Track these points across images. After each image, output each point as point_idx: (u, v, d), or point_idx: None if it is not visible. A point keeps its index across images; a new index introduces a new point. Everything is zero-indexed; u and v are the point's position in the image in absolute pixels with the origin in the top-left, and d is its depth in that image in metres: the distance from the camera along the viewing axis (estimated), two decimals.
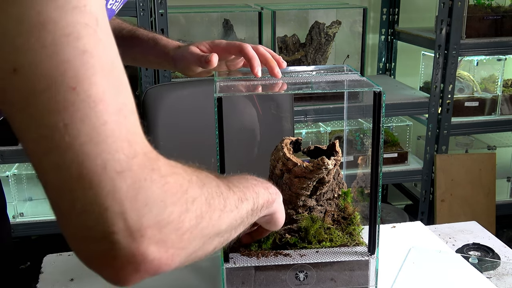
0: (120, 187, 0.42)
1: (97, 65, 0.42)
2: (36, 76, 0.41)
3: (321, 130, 2.31)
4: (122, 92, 0.45)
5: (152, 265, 0.44)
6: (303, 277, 0.85)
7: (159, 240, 0.44)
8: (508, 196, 2.54)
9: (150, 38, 1.03)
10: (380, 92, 0.78)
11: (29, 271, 2.14)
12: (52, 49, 0.41)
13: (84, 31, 0.42)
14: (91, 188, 0.41)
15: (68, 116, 0.41)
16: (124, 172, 0.42)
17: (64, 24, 0.41)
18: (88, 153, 0.41)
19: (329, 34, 2.16)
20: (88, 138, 0.41)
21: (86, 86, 0.41)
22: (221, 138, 0.78)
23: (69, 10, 0.42)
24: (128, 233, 0.42)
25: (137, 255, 0.43)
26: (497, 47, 2.27)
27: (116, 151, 0.42)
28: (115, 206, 0.42)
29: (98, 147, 0.41)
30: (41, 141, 0.41)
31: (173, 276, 0.97)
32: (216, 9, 2.24)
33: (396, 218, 2.45)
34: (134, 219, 0.42)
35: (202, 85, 1.58)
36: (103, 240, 0.42)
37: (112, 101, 0.43)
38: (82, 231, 0.42)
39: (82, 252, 0.44)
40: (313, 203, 0.89)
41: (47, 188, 0.43)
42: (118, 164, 0.42)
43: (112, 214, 0.42)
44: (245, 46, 0.91)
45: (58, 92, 0.41)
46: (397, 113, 2.35)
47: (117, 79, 0.44)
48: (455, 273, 1.00)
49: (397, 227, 1.19)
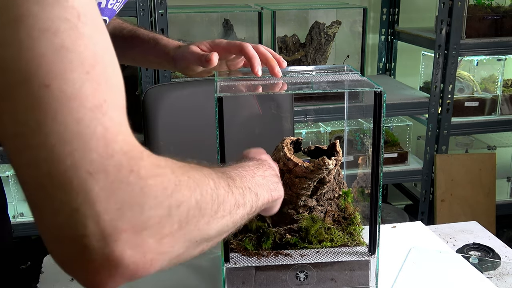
0: (92, 189, 0.40)
1: (75, 61, 0.41)
2: (11, 71, 0.40)
3: (321, 130, 2.31)
4: (105, 87, 0.43)
5: (128, 270, 0.42)
6: (303, 277, 0.85)
7: (136, 244, 0.42)
8: (508, 196, 2.54)
9: (151, 38, 1.03)
10: (381, 92, 0.78)
11: (29, 271, 2.14)
12: (28, 43, 0.40)
13: (64, 25, 0.41)
14: (61, 188, 0.40)
15: (40, 114, 0.40)
16: (97, 173, 0.40)
17: (43, 18, 0.40)
18: (59, 153, 0.40)
19: (329, 34, 2.16)
20: (60, 137, 0.40)
21: (61, 83, 0.40)
22: (221, 138, 0.78)
23: (50, 5, 0.41)
24: (100, 236, 0.40)
25: (111, 260, 0.41)
26: (497, 47, 2.27)
27: (89, 151, 0.40)
28: (85, 208, 0.40)
29: (70, 146, 0.40)
30: (16, 139, 0.40)
31: (173, 276, 0.97)
32: (216, 9, 2.24)
33: (396, 218, 2.45)
34: (107, 223, 0.41)
35: (202, 85, 1.58)
36: (75, 243, 0.41)
37: (90, 98, 0.41)
38: (54, 231, 0.41)
39: (55, 253, 0.42)
40: (313, 203, 0.89)
41: (23, 186, 0.42)
42: (91, 164, 0.40)
43: (82, 216, 0.40)
44: (246, 45, 0.91)
45: (32, 88, 0.40)
46: (397, 113, 2.35)
47: (99, 74, 0.42)
48: (455, 273, 1.00)
49: (397, 227, 1.19)
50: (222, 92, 0.79)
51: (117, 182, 0.41)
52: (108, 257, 0.41)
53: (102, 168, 0.41)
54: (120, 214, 0.41)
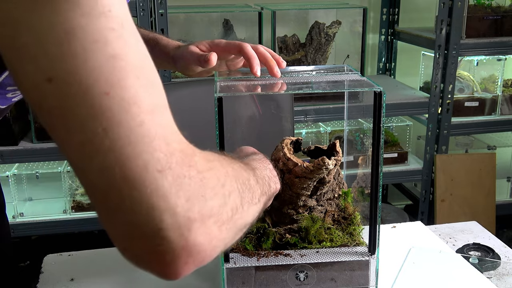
0: (163, 185, 0.43)
1: (127, 67, 0.43)
2: (70, 84, 0.42)
3: (321, 130, 2.31)
4: (154, 90, 0.46)
5: (199, 256, 0.46)
6: (303, 277, 0.85)
7: (204, 232, 0.45)
8: (508, 196, 2.54)
9: (151, 38, 1.03)
10: (381, 92, 0.78)
11: (29, 271, 2.14)
12: (83, 56, 0.42)
13: (111, 35, 0.43)
14: (135, 188, 0.42)
15: (105, 121, 0.42)
16: (164, 171, 0.43)
17: (91, 30, 0.42)
18: (128, 155, 0.42)
19: (329, 34, 2.16)
20: (127, 140, 0.42)
21: (119, 90, 0.42)
22: (221, 138, 0.78)
23: (96, 16, 0.42)
24: (177, 228, 0.43)
25: (187, 248, 0.44)
26: (497, 47, 2.27)
27: (155, 151, 0.43)
28: (161, 203, 0.43)
29: (138, 148, 0.43)
30: (83, 147, 0.42)
31: None
32: (216, 9, 2.24)
33: (396, 218, 2.45)
34: (181, 214, 0.44)
35: (202, 85, 1.58)
36: (153, 237, 0.43)
37: (145, 101, 0.44)
38: (130, 229, 0.43)
39: (130, 250, 0.45)
40: (313, 203, 0.89)
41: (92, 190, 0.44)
42: (158, 163, 0.43)
43: (159, 211, 0.43)
44: (245, 45, 0.91)
45: (93, 98, 0.42)
46: (397, 113, 2.35)
47: (147, 78, 0.45)
48: (455, 273, 1.00)
49: (397, 227, 1.19)
50: (222, 92, 0.79)
51: (182, 177, 0.44)
52: (184, 246, 0.44)
53: (168, 166, 0.44)
54: (189, 205, 0.44)
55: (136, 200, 0.42)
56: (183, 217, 0.44)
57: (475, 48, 2.24)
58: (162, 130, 0.45)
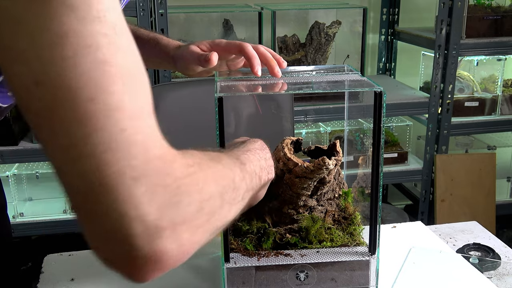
0: (136, 193, 0.44)
1: (116, 73, 0.44)
2: (58, 88, 0.42)
3: (321, 130, 2.31)
4: (140, 96, 0.46)
5: (168, 262, 0.46)
6: (303, 277, 0.85)
7: (175, 239, 0.46)
8: (508, 196, 2.54)
9: (151, 38, 1.03)
10: (381, 92, 0.78)
11: (29, 271, 2.14)
12: (73, 60, 0.42)
13: (104, 40, 0.43)
14: (110, 194, 0.43)
15: (89, 126, 0.42)
16: (139, 178, 0.44)
17: (84, 35, 0.42)
18: (107, 161, 0.43)
19: (329, 34, 2.16)
20: (107, 146, 0.43)
21: (105, 96, 0.43)
22: (221, 138, 0.78)
23: (90, 21, 0.43)
24: (146, 235, 0.44)
25: (155, 255, 0.45)
26: (497, 47, 2.27)
27: (133, 158, 0.44)
28: (131, 211, 0.43)
29: (116, 154, 0.43)
30: (67, 151, 0.43)
31: (173, 276, 0.97)
32: (216, 9, 2.24)
33: (396, 218, 2.45)
34: (151, 223, 0.44)
35: (202, 85, 1.58)
36: (123, 243, 0.44)
37: (130, 107, 0.44)
38: (103, 233, 0.44)
39: (102, 252, 0.46)
40: (313, 203, 0.89)
41: (71, 194, 0.44)
42: (134, 170, 0.44)
43: (129, 219, 0.43)
44: (245, 45, 0.91)
45: (80, 103, 0.42)
46: (397, 113, 2.35)
47: (135, 84, 0.46)
48: (455, 273, 1.00)
49: (397, 227, 1.19)
50: (222, 92, 0.79)
51: (157, 186, 0.45)
52: (152, 253, 0.45)
53: (143, 173, 0.44)
54: (161, 214, 0.45)
55: (110, 206, 0.43)
56: (153, 226, 0.44)
57: (475, 48, 2.24)
58: (143, 136, 0.45)
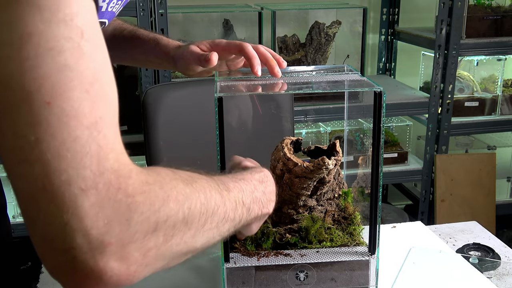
0: (82, 204, 0.42)
1: (76, 79, 0.42)
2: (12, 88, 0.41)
3: (321, 130, 2.31)
4: (102, 104, 0.44)
5: (111, 280, 0.44)
6: (303, 277, 0.85)
7: (121, 257, 0.44)
8: (508, 196, 2.54)
9: (151, 39, 1.03)
10: (381, 92, 0.78)
11: (29, 271, 2.13)
12: (33, 62, 0.41)
13: (68, 44, 0.42)
14: (53, 202, 0.42)
15: (40, 131, 0.41)
16: (88, 190, 0.42)
17: (48, 37, 0.41)
18: (54, 168, 0.41)
19: (329, 34, 2.16)
20: (56, 154, 0.41)
21: (61, 101, 0.42)
22: (221, 138, 0.78)
23: (55, 23, 0.42)
24: (87, 249, 0.42)
25: (96, 271, 0.43)
26: (497, 47, 2.27)
27: (83, 168, 0.42)
28: (75, 222, 0.42)
29: (65, 162, 0.42)
30: (14, 152, 0.42)
31: (173, 276, 0.97)
32: (216, 9, 2.24)
33: (396, 218, 2.45)
34: (94, 237, 0.42)
35: (202, 85, 1.58)
36: (64, 254, 0.43)
37: (87, 115, 0.43)
38: (45, 241, 0.43)
39: (46, 261, 0.44)
40: (313, 203, 0.89)
41: (17, 195, 0.44)
42: (83, 181, 0.42)
43: (71, 230, 0.42)
44: (245, 45, 0.91)
45: (33, 105, 0.41)
46: (397, 113, 2.35)
47: (97, 92, 0.44)
48: (455, 273, 1.00)
49: (397, 227, 1.19)
50: (222, 92, 0.79)
51: (106, 199, 0.43)
52: (93, 268, 0.43)
53: (94, 185, 0.43)
54: (107, 229, 0.43)
55: (52, 215, 0.42)
56: (96, 240, 0.43)
57: (475, 48, 2.24)
58: (97, 147, 0.43)
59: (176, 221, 0.48)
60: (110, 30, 1.06)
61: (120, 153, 0.46)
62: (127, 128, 2.01)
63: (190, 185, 0.52)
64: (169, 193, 0.49)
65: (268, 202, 0.72)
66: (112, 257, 0.43)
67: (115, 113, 0.46)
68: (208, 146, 1.01)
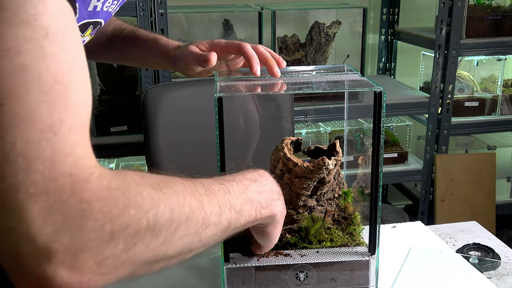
0: (29, 210, 0.41)
1: (33, 81, 0.41)
2: None
3: (321, 130, 2.31)
4: (62, 108, 0.43)
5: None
6: (303, 277, 0.85)
7: (72, 265, 0.42)
8: (508, 196, 2.54)
9: (151, 39, 1.03)
10: (381, 92, 0.78)
11: None
12: None
13: (28, 45, 0.41)
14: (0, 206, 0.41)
15: None
16: (37, 195, 0.41)
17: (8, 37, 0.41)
18: (3, 172, 0.40)
19: (329, 34, 2.16)
20: (5, 156, 0.40)
21: (15, 103, 0.41)
22: (221, 138, 0.78)
23: (16, 24, 0.41)
24: (34, 256, 0.41)
25: (43, 279, 0.42)
26: (497, 47, 2.27)
27: (34, 172, 0.41)
28: (21, 228, 0.41)
29: (14, 165, 0.40)
30: None
31: (173, 276, 0.97)
32: (216, 9, 2.24)
33: (396, 218, 2.45)
34: (41, 244, 0.41)
35: (202, 85, 1.58)
36: (12, 258, 0.42)
37: (43, 118, 0.42)
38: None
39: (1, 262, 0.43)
40: (313, 203, 0.89)
41: None
42: (33, 185, 0.41)
43: (17, 235, 0.41)
44: (245, 45, 0.91)
45: None
46: (397, 113, 2.36)
47: (58, 95, 0.43)
48: (455, 273, 1.00)
49: (397, 227, 1.19)
50: (222, 92, 0.79)
51: (57, 205, 0.41)
52: (41, 276, 0.42)
53: (44, 190, 0.41)
54: (55, 236, 0.41)
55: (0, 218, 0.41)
56: (43, 247, 0.41)
57: (475, 48, 2.24)
58: (51, 151, 0.42)
59: (139, 229, 0.46)
60: (110, 30, 1.06)
61: (81, 157, 0.44)
62: (127, 128, 2.01)
63: (159, 191, 0.49)
64: (132, 199, 0.46)
65: (269, 202, 0.69)
66: (61, 265, 0.42)
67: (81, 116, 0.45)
68: (208, 146, 1.01)
